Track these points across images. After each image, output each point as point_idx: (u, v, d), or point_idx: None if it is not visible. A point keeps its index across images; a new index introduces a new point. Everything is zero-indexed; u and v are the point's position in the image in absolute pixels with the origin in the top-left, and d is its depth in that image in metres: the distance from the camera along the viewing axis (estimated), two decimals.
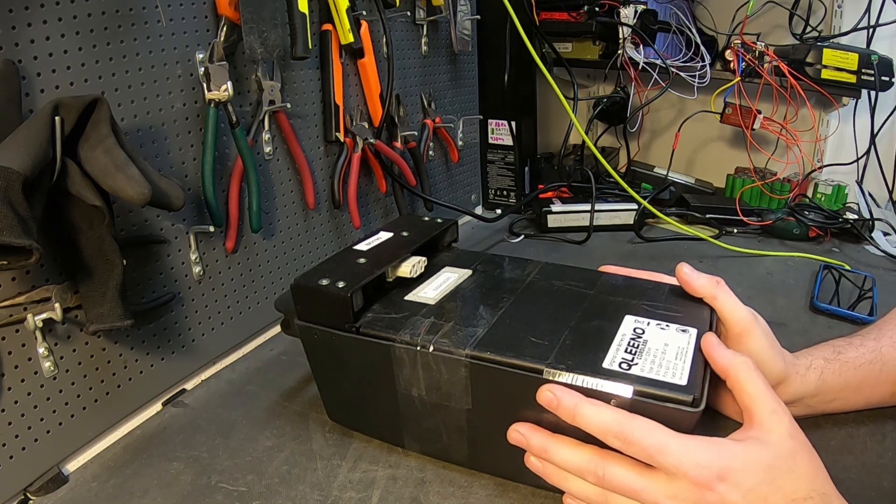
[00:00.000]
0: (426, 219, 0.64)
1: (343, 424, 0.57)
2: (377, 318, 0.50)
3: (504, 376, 0.44)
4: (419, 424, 0.51)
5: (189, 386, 0.65)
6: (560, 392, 0.42)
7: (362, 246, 0.57)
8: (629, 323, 0.48)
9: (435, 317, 0.50)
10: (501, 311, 0.50)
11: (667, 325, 0.47)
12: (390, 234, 0.60)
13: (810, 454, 0.41)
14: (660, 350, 0.44)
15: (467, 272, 0.58)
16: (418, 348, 0.47)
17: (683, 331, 0.46)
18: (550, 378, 0.42)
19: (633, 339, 0.45)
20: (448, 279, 0.56)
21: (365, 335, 0.49)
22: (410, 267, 0.55)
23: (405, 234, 0.60)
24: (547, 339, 0.46)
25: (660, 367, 0.42)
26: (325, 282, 0.50)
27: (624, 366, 0.42)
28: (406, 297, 0.53)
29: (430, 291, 0.54)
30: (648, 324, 0.47)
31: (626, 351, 0.44)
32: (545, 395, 0.42)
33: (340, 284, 0.49)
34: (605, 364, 0.43)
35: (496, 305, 0.51)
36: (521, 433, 0.45)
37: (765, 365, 0.49)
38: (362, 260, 0.54)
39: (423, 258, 0.57)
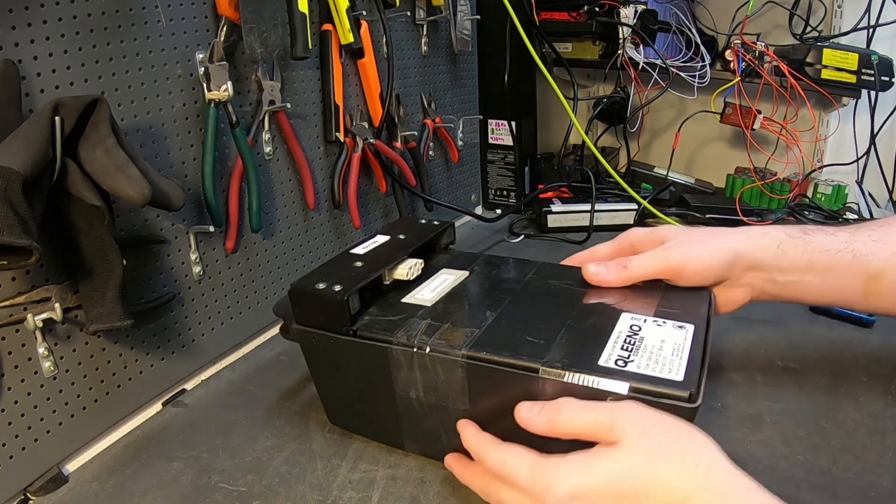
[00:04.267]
0: (423, 221, 0.64)
1: (343, 428, 0.57)
2: (374, 320, 0.50)
3: (501, 376, 0.44)
4: (418, 426, 0.51)
5: (189, 386, 0.65)
6: (462, 427, 0.46)
7: (359, 249, 0.57)
8: (626, 320, 0.48)
9: (432, 318, 0.50)
10: (499, 312, 0.50)
11: (663, 322, 0.47)
12: (387, 238, 0.60)
13: (679, 445, 0.37)
14: (656, 347, 0.44)
15: (464, 273, 0.58)
16: (415, 350, 0.46)
17: (680, 327, 0.46)
18: (547, 377, 0.42)
19: (629, 336, 0.45)
20: (445, 280, 0.56)
21: (362, 338, 0.49)
22: (407, 269, 0.55)
23: (402, 236, 0.60)
24: (544, 338, 0.46)
25: (656, 363, 0.42)
26: (321, 285, 0.50)
27: (620, 363, 0.42)
28: (403, 300, 0.53)
29: (428, 293, 0.54)
30: (645, 321, 0.47)
31: (622, 348, 0.44)
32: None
33: (337, 288, 0.49)
34: (602, 361, 0.43)
35: (493, 306, 0.51)
36: (449, 464, 0.48)
37: (709, 269, 0.50)
38: (359, 263, 0.54)
39: (420, 260, 0.57)
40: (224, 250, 0.66)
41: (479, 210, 1.16)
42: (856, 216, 1.01)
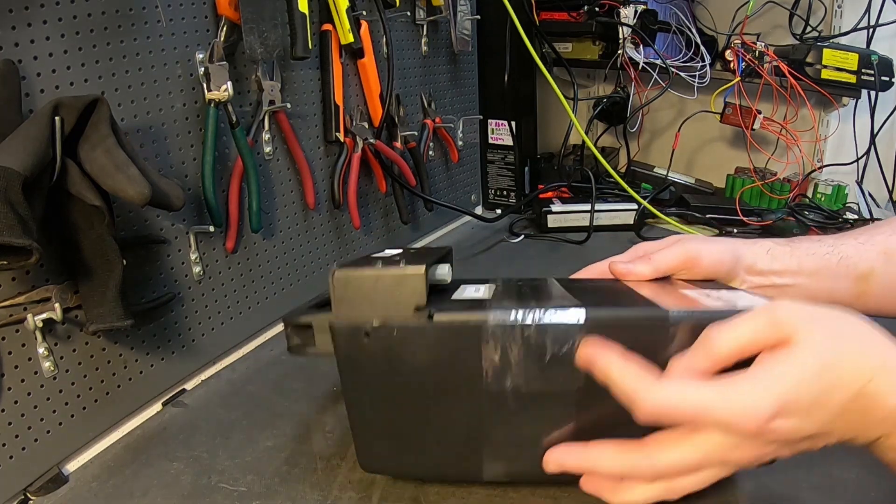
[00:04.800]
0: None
1: (387, 472, 0.48)
2: (442, 308, 0.41)
3: (627, 334, 0.38)
4: (510, 431, 0.42)
5: (189, 386, 0.65)
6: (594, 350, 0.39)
7: (383, 254, 0.48)
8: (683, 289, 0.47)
9: (509, 303, 0.41)
10: (573, 297, 0.43)
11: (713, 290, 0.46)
12: (399, 250, 0.51)
13: (849, 329, 0.37)
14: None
15: (491, 285, 0.49)
16: (520, 322, 0.39)
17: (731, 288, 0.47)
18: (680, 318, 0.38)
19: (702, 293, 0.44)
20: (478, 289, 0.48)
21: (441, 322, 0.40)
22: (446, 270, 0.48)
23: (412, 251, 0.51)
24: (640, 302, 0.42)
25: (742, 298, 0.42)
26: (379, 265, 0.42)
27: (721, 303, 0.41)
28: (454, 297, 0.45)
29: (473, 292, 0.46)
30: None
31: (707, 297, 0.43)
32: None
33: (403, 264, 0.41)
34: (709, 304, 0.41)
35: (562, 296, 0.44)
36: (554, 461, 0.41)
37: (721, 263, 0.51)
38: (398, 257, 0.45)
39: (449, 265, 0.49)
40: (224, 250, 0.66)
41: (479, 210, 1.16)
42: (856, 216, 1.01)
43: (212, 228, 0.63)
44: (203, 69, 0.59)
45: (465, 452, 0.44)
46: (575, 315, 0.39)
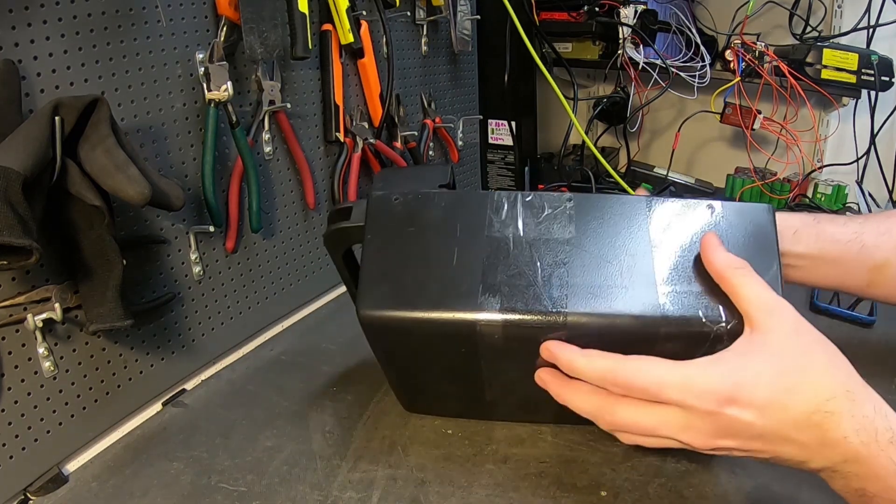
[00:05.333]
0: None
1: (386, 308, 0.46)
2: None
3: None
4: (506, 271, 0.45)
5: (189, 386, 0.65)
6: (555, 348, 0.43)
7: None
8: None
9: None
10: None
11: None
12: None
13: (824, 348, 0.39)
14: None
15: None
16: (520, 194, 0.47)
17: None
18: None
19: None
20: None
21: (457, 191, 0.49)
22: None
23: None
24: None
25: None
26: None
27: None
28: None
29: None
30: None
31: None
32: (545, 351, 0.43)
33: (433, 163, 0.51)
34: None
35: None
36: (542, 379, 0.45)
37: None
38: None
39: None
40: (224, 250, 0.66)
41: None
42: None
43: (212, 228, 0.63)
44: (203, 69, 0.59)
45: (463, 288, 0.45)
46: (567, 196, 0.47)
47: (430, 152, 0.97)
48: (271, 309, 0.74)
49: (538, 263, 0.45)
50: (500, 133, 1.12)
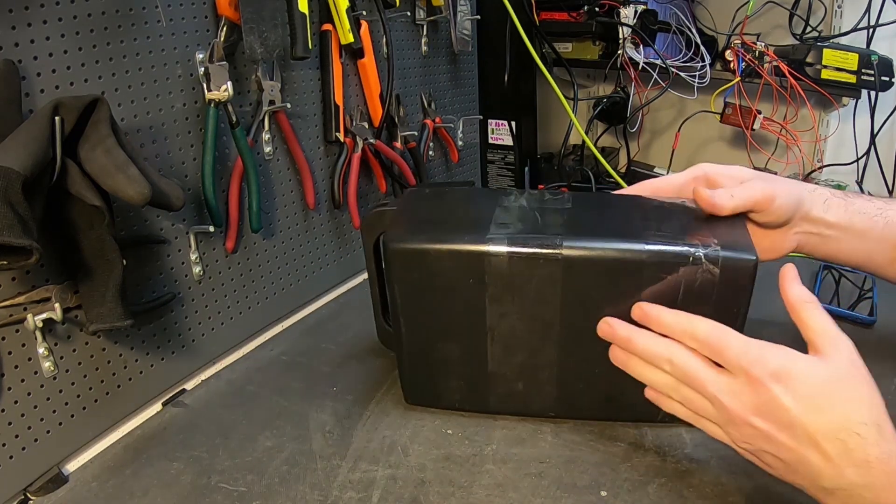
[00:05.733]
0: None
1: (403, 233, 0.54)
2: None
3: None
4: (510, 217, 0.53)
5: (189, 386, 0.65)
6: (646, 307, 0.47)
7: None
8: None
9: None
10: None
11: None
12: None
13: (870, 384, 0.41)
14: None
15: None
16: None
17: None
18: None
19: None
20: None
21: (479, 187, 0.58)
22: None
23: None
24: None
25: None
26: None
27: None
28: None
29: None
30: None
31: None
32: (637, 310, 0.48)
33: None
34: None
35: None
36: (608, 324, 0.49)
37: (788, 206, 0.54)
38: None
39: None
40: (224, 250, 0.66)
41: None
42: None
43: (212, 228, 0.63)
44: (203, 69, 0.59)
45: (477, 227, 0.52)
46: (567, 194, 0.56)
47: (430, 152, 0.97)
48: (271, 309, 0.74)
49: (539, 218, 0.53)
50: (500, 133, 1.12)
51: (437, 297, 0.53)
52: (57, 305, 0.49)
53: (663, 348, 0.46)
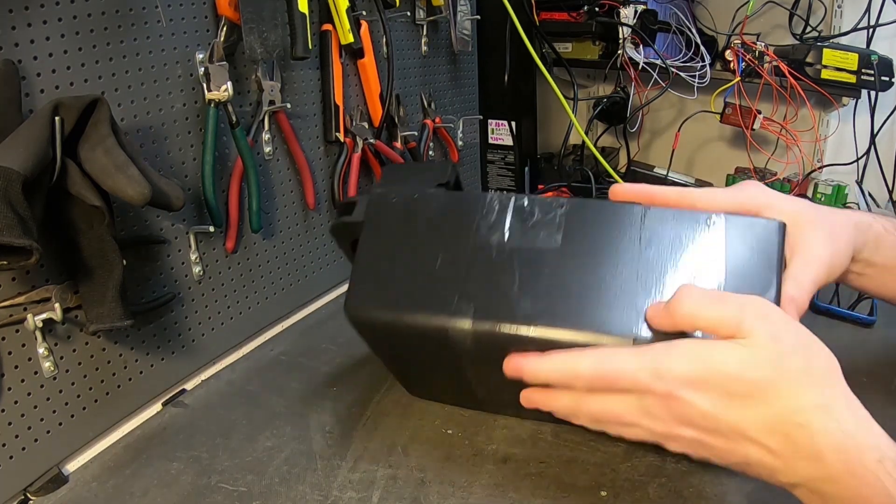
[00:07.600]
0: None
1: (373, 304, 0.48)
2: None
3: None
4: (486, 284, 0.45)
5: (189, 386, 0.65)
6: (516, 362, 0.42)
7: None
8: None
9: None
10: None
11: None
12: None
13: (804, 357, 0.35)
14: None
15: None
16: (513, 198, 0.47)
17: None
18: None
19: None
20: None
21: (454, 193, 0.50)
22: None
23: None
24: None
25: None
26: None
27: None
28: None
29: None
30: None
31: None
32: (508, 369, 0.42)
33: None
34: None
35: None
36: (527, 399, 0.44)
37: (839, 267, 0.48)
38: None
39: None
40: (224, 250, 0.66)
41: None
42: None
43: (212, 228, 0.63)
44: (203, 69, 0.59)
45: (441, 293, 0.45)
46: (560, 201, 0.46)
47: (430, 152, 0.97)
48: (271, 309, 0.74)
49: (517, 274, 0.44)
50: (500, 133, 1.12)
51: (410, 354, 0.51)
52: (57, 305, 0.49)
53: (567, 405, 0.41)
